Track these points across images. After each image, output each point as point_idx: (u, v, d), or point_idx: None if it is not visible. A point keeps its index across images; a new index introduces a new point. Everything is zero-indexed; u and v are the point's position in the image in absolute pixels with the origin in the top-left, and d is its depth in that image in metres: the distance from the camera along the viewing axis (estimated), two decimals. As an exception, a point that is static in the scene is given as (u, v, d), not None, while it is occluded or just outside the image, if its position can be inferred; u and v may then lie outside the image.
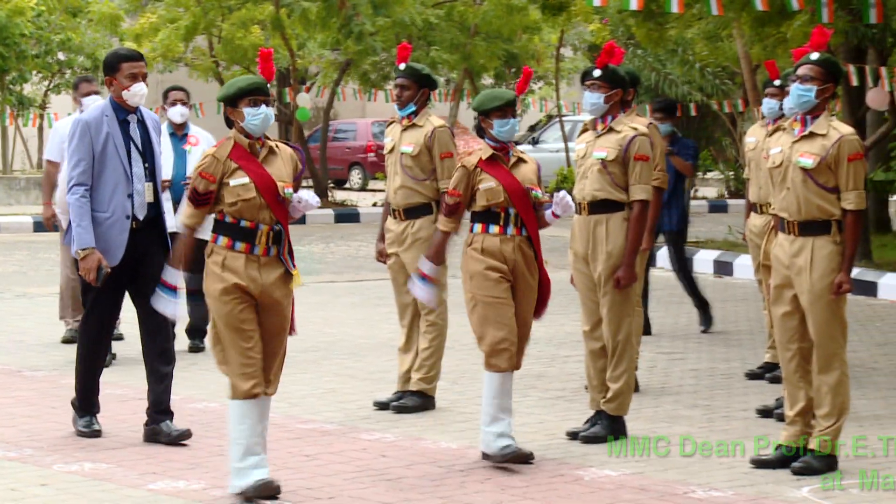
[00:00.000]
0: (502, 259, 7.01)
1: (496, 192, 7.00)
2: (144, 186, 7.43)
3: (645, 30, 15.19)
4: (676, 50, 23.39)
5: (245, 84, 6.39)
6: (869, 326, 11.84)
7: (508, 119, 7.07)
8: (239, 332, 6.25)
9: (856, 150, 6.94)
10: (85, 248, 7.30)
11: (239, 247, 6.29)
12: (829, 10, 11.25)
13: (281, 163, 6.41)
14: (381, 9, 21.46)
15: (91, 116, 7.41)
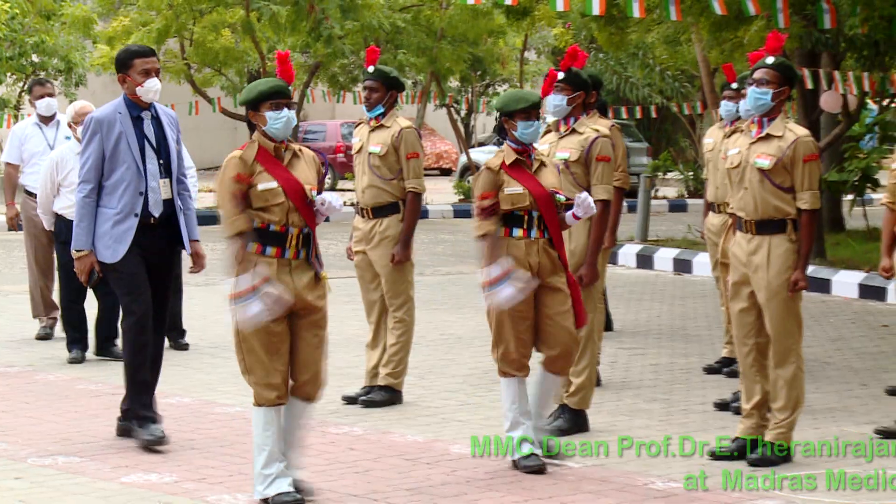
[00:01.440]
0: (526, 265, 6.77)
1: (522, 197, 6.79)
2: (160, 183, 7.21)
3: (606, 34, 15.21)
4: (637, 53, 23.46)
5: (267, 87, 6.16)
6: (823, 322, 11.90)
7: (533, 121, 6.85)
8: (266, 344, 6.04)
9: (811, 151, 6.98)
10: (80, 250, 7.14)
11: (269, 251, 6.07)
12: (784, 15, 11.30)
13: (304, 166, 6.21)
14: (349, 13, 21.44)
15: (104, 114, 7.20)
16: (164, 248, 7.26)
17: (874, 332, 11.46)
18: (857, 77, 13.12)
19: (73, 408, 8.19)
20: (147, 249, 7.16)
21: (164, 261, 7.28)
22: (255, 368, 6.08)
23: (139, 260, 7.13)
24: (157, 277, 7.21)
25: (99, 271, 7.15)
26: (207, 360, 9.78)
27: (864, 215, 18.30)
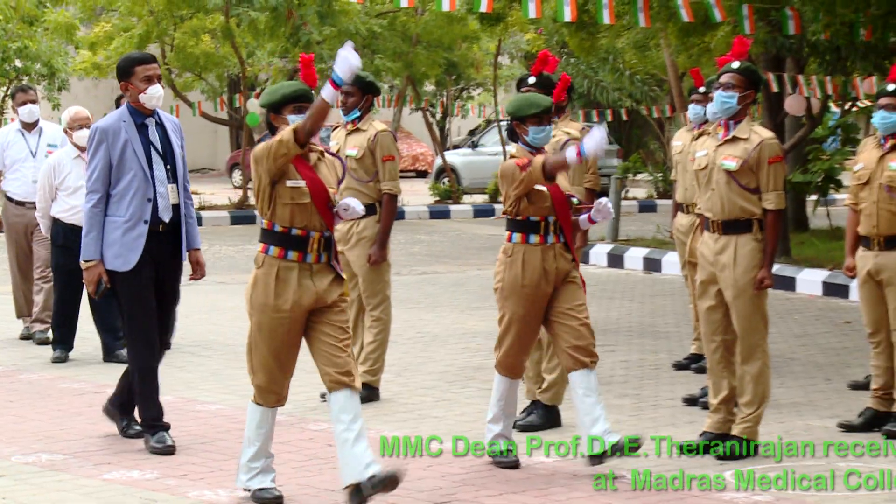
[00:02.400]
0: (542, 272, 6.66)
1: (544, 197, 6.65)
2: (168, 189, 7.04)
3: (578, 39, 15.23)
4: (607, 58, 23.47)
5: (290, 91, 6.02)
6: (788, 319, 11.93)
7: (544, 126, 6.73)
8: (275, 353, 5.97)
9: (775, 153, 7.00)
10: (89, 261, 6.94)
11: (291, 256, 5.92)
12: (750, 21, 11.34)
13: (327, 170, 6.07)
14: (327, 18, 21.43)
15: (108, 123, 7.03)
16: (171, 253, 7.09)
17: (837, 328, 11.50)
18: (821, 81, 13.16)
19: (56, 406, 8.16)
20: (155, 256, 6.99)
21: (171, 267, 7.09)
22: (259, 372, 6.00)
23: (149, 269, 6.96)
24: (163, 284, 7.05)
25: (107, 281, 6.95)
26: (189, 359, 9.74)
27: (828, 215, 18.38)
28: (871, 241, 7.58)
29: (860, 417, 7.66)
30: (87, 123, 9.59)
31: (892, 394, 7.62)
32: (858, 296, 7.81)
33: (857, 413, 7.75)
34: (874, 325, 7.69)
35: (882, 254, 7.53)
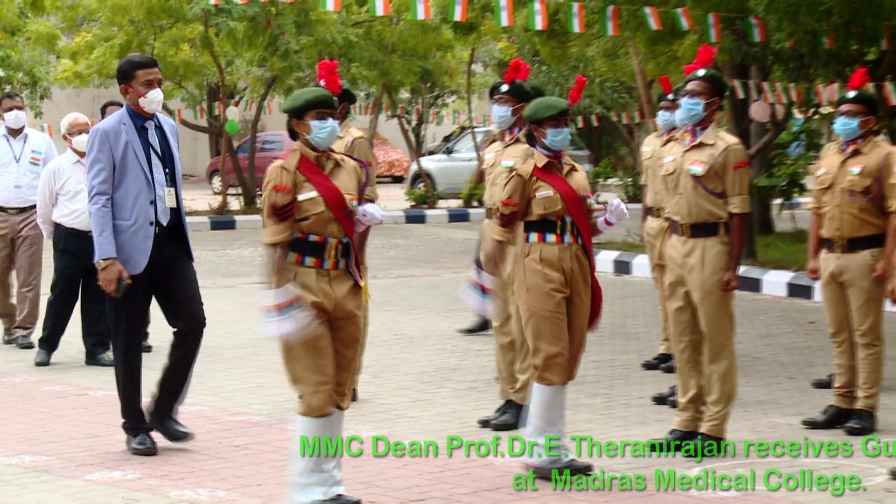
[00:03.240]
0: (560, 269, 6.47)
1: (554, 201, 6.47)
2: (166, 192, 6.91)
3: (549, 48, 15.25)
4: (578, 66, 23.46)
5: (312, 96, 5.84)
6: (754, 319, 11.98)
7: (562, 128, 6.53)
8: (314, 348, 5.74)
9: (740, 158, 7.03)
10: (106, 259, 6.75)
11: (308, 262, 5.76)
12: (716, 30, 11.38)
13: (346, 175, 5.88)
14: (304, 28, 21.41)
15: (108, 125, 6.88)
16: (173, 255, 6.92)
17: (801, 328, 11.55)
18: (785, 88, 13.22)
19: (39, 409, 8.12)
20: (155, 259, 6.84)
21: (178, 266, 6.93)
22: (304, 376, 5.77)
23: (146, 277, 6.83)
24: (172, 285, 6.91)
25: (127, 277, 6.75)
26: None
27: (792, 218, 18.47)
28: (833, 243, 7.62)
29: (823, 415, 7.70)
30: (86, 129, 9.60)
31: (854, 392, 7.66)
32: (822, 297, 7.85)
33: (820, 410, 7.78)
34: (837, 325, 7.73)
35: (844, 256, 7.57)
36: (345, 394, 5.86)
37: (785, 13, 10.28)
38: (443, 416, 7.88)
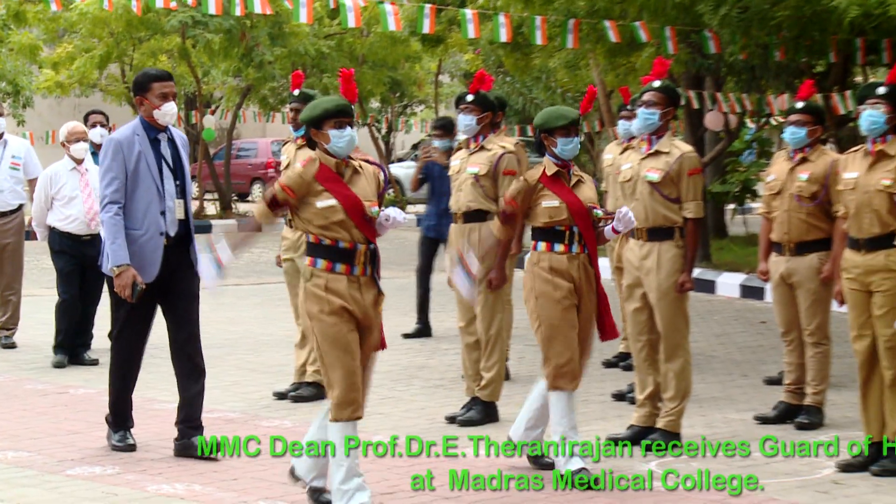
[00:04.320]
0: (569, 278, 6.36)
1: (559, 210, 6.36)
2: (175, 203, 6.73)
3: (513, 59, 15.28)
4: (541, 77, 23.56)
5: (331, 106, 5.71)
6: (708, 319, 12.04)
7: (572, 138, 6.40)
8: (348, 352, 5.57)
9: (695, 165, 7.07)
10: (120, 266, 6.59)
11: (339, 268, 5.59)
12: (672, 42, 11.43)
13: (365, 182, 5.71)
14: (278, 40, 21.38)
15: (123, 136, 6.71)
16: (179, 266, 6.77)
17: (754, 328, 11.62)
18: (738, 98, 13.28)
19: (21, 406, 8.08)
20: (163, 268, 6.69)
21: (183, 278, 6.78)
22: (337, 380, 5.58)
23: (154, 286, 6.67)
24: (177, 298, 6.77)
25: (141, 283, 6.61)
26: (148, 361, 9.54)
27: (745, 223, 18.57)
28: (782, 247, 7.67)
29: (774, 410, 7.75)
30: (84, 137, 9.59)
31: (803, 388, 7.72)
32: (772, 298, 7.91)
33: (771, 406, 7.83)
34: (787, 324, 7.78)
35: (793, 259, 7.63)
36: (364, 403, 5.70)
37: (738, 27, 10.33)
38: (411, 412, 7.88)
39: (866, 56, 11.96)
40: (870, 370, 6.59)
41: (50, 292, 12.48)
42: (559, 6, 11.84)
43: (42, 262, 15.65)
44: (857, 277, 6.55)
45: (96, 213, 9.54)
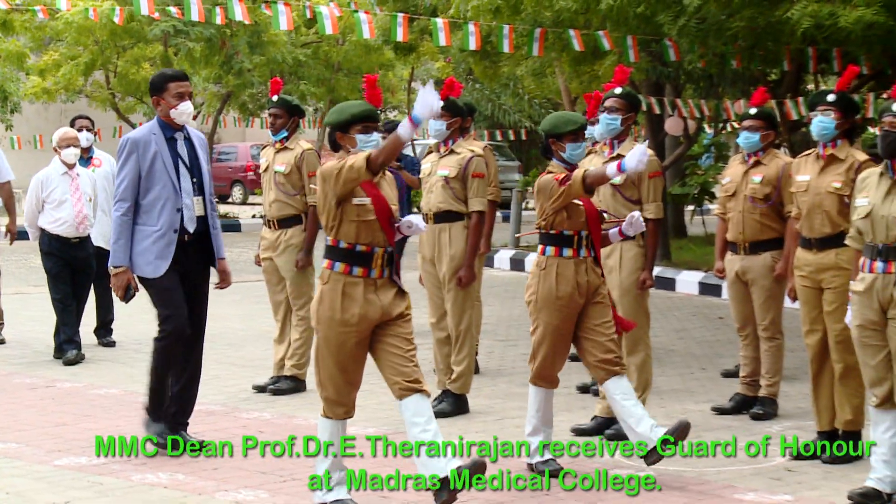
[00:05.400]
0: (575, 284, 6.17)
1: (580, 212, 6.19)
2: (193, 201, 6.60)
3: (482, 67, 15.32)
4: (509, 84, 23.64)
5: (358, 111, 5.50)
6: (668, 315, 12.10)
7: (580, 142, 6.25)
8: (342, 367, 5.44)
9: (655, 168, 7.11)
10: (118, 266, 6.48)
11: (356, 271, 5.41)
12: (634, 51, 11.47)
13: (388, 187, 5.55)
14: (256, 48, 21.35)
15: (139, 135, 6.57)
16: (197, 263, 6.65)
17: (711, 323, 11.68)
18: (696, 104, 13.35)
19: (10, 400, 8.05)
20: (182, 265, 6.56)
21: (198, 276, 6.66)
22: (327, 385, 5.49)
23: (176, 276, 6.54)
24: (191, 293, 6.62)
25: (136, 287, 6.51)
26: (132, 355, 9.66)
27: (703, 223, 18.66)
28: (737, 246, 7.72)
29: (731, 402, 7.80)
30: (75, 142, 9.56)
31: (758, 380, 7.77)
32: (728, 294, 7.96)
33: (728, 398, 7.89)
34: (742, 320, 7.83)
35: (747, 257, 7.68)
36: (420, 381, 5.45)
37: (696, 37, 10.39)
38: (385, 405, 7.89)
39: (818, 65, 12.05)
40: (821, 363, 6.64)
41: (37, 290, 12.44)
42: (526, 16, 11.88)
43: (30, 262, 15.58)
44: (809, 275, 6.61)
45: (85, 216, 9.53)
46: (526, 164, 28.62)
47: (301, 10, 14.39)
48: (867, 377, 5.87)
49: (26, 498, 5.81)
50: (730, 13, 10.16)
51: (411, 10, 15.38)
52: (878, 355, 5.78)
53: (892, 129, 5.72)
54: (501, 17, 11.92)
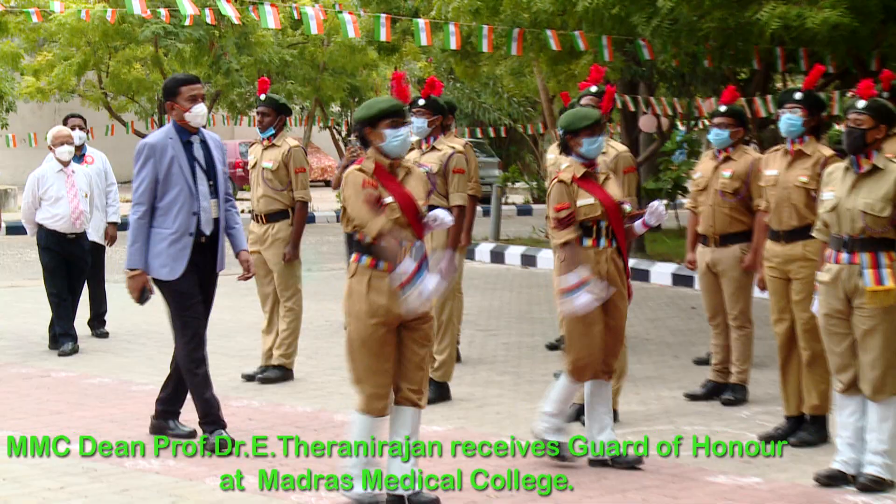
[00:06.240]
0: (596, 272, 6.02)
1: (594, 208, 6.06)
2: (210, 203, 6.46)
3: (463, 66, 15.31)
4: (489, 83, 23.62)
5: (387, 106, 5.32)
6: (643, 305, 12.12)
7: (597, 137, 6.10)
8: (377, 355, 5.26)
9: (629, 164, 7.13)
10: (133, 269, 6.34)
11: (382, 266, 5.27)
12: (608, 51, 11.49)
13: (416, 183, 5.42)
14: (244, 49, 21.31)
15: (156, 139, 6.42)
16: (210, 265, 6.51)
17: (684, 313, 11.71)
18: (669, 102, 13.38)
19: (6, 389, 8.01)
20: (198, 266, 6.43)
21: (210, 277, 6.53)
22: (366, 380, 5.29)
23: (194, 278, 6.41)
24: (203, 293, 6.51)
25: (150, 289, 6.37)
26: (125, 346, 9.64)
27: (676, 217, 18.69)
28: (708, 238, 7.75)
29: (703, 388, 7.83)
30: (69, 140, 9.51)
31: (729, 367, 7.80)
32: (699, 285, 7.98)
33: (700, 384, 7.91)
34: (713, 310, 7.86)
35: (717, 249, 7.70)
36: (422, 393, 5.39)
37: (668, 37, 10.41)
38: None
39: (786, 64, 12.08)
40: (789, 351, 6.67)
41: (32, 283, 12.39)
42: (504, 17, 11.88)
43: (25, 256, 15.52)
44: (777, 266, 6.63)
45: (81, 212, 9.49)
46: (505, 161, 28.63)
47: (288, 11, 14.37)
48: (833, 364, 5.90)
49: (22, 483, 5.80)
50: (701, 14, 10.19)
51: (394, 12, 15.37)
52: (844, 343, 5.81)
53: (856, 125, 5.76)
54: (481, 18, 11.93)
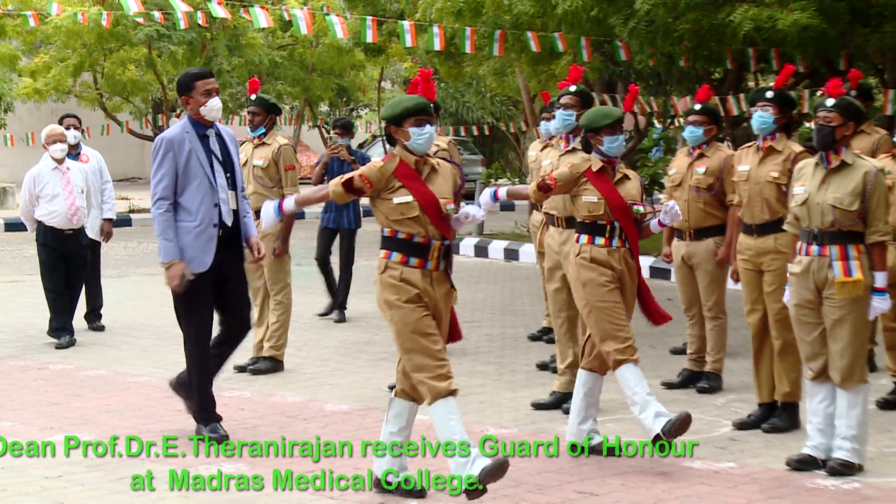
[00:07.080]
0: (610, 268, 6.00)
1: (597, 206, 6.01)
2: (228, 195, 6.34)
3: (447, 67, 15.31)
4: (472, 83, 23.60)
5: (412, 104, 5.22)
6: (622, 297, 12.11)
7: (618, 135, 6.05)
8: (427, 336, 5.11)
9: (608, 161, 7.11)
10: (170, 261, 6.22)
11: (413, 262, 5.17)
12: (587, 51, 11.50)
13: (442, 180, 5.28)
14: (235, 51, 21.27)
15: (173, 134, 6.28)
16: (233, 254, 6.38)
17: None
18: (646, 101, 13.41)
19: (4, 381, 7.98)
20: (221, 258, 6.29)
21: (235, 267, 6.40)
22: (424, 363, 5.12)
23: (210, 275, 6.26)
24: (231, 283, 6.37)
25: (190, 274, 6.19)
26: (120, 339, 9.61)
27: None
28: (683, 232, 7.76)
29: (679, 377, 7.85)
30: (62, 138, 9.45)
31: (704, 357, 7.82)
32: (675, 278, 8.00)
33: (676, 374, 7.93)
34: (688, 301, 7.88)
35: (692, 243, 7.72)
36: None
37: (645, 38, 10.43)
38: (358, 383, 7.89)
39: (757, 64, 12.13)
40: (761, 340, 6.69)
41: (30, 278, 12.34)
42: (487, 19, 11.88)
43: (24, 251, 15.45)
44: (750, 258, 6.65)
45: (78, 208, 9.45)
46: (489, 158, 28.63)
47: (278, 13, 14.33)
48: (803, 352, 5.92)
49: (21, 472, 5.78)
50: (676, 16, 10.20)
51: (380, 14, 15.34)
52: (814, 332, 5.83)
53: (825, 123, 5.77)
54: (464, 20, 11.92)
